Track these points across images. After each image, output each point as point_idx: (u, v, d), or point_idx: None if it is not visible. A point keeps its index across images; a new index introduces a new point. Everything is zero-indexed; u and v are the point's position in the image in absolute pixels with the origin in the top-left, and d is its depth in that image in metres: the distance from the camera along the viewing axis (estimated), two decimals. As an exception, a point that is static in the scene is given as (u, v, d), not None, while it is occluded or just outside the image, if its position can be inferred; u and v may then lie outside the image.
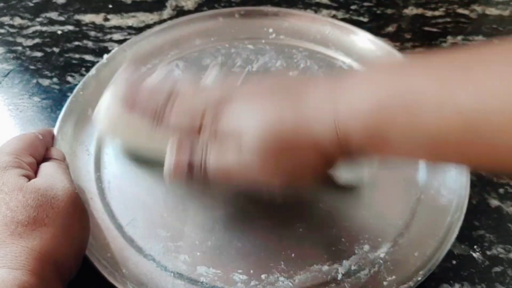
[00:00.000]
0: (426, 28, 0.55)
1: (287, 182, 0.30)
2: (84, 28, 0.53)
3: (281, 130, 0.28)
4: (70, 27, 0.53)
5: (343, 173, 0.36)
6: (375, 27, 0.54)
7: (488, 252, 0.37)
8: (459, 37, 0.54)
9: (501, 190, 0.40)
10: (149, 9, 0.55)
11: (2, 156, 0.31)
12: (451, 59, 0.24)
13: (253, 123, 0.28)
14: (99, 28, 0.53)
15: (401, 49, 0.52)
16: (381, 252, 0.35)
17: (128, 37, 0.52)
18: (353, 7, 0.57)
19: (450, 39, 0.54)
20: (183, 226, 0.36)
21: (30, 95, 0.46)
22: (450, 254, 0.36)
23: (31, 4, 0.56)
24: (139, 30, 0.53)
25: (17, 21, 0.54)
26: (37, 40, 0.52)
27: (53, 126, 0.40)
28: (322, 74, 0.47)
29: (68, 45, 0.51)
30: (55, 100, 0.46)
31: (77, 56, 0.50)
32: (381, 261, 0.35)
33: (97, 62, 0.46)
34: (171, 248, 0.35)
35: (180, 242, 0.35)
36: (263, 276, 0.34)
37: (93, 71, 0.44)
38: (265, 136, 0.28)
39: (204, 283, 0.33)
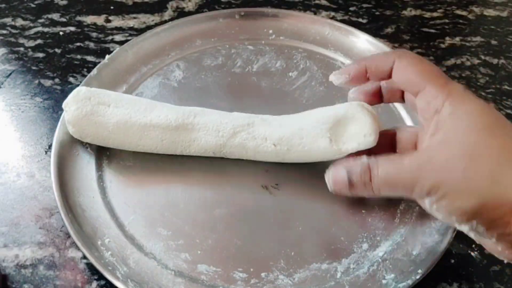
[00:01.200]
0: (425, 29, 0.56)
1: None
2: (86, 29, 0.53)
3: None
4: (72, 28, 0.53)
5: None
6: (374, 28, 0.55)
7: (486, 251, 0.37)
8: (457, 38, 0.54)
9: (499, 190, 0.41)
10: (150, 10, 0.56)
11: None
12: None
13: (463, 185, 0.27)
14: (101, 29, 0.53)
15: (400, 50, 0.52)
16: (380, 251, 0.35)
17: (129, 38, 0.52)
18: (352, 8, 0.57)
19: (448, 40, 0.54)
20: (184, 224, 0.36)
21: (32, 95, 0.47)
22: (448, 253, 0.36)
23: (33, 5, 0.56)
24: (140, 31, 0.53)
25: (19, 22, 0.54)
26: (39, 41, 0.52)
27: (55, 127, 0.40)
28: (322, 75, 0.47)
29: (70, 46, 0.51)
30: (57, 100, 0.46)
31: (78, 57, 0.50)
32: (380, 260, 0.35)
33: (99, 62, 0.46)
34: (172, 247, 0.35)
35: (181, 241, 0.35)
36: (263, 275, 0.34)
37: (94, 71, 0.44)
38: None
39: (205, 281, 0.34)
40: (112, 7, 0.56)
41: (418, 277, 0.33)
